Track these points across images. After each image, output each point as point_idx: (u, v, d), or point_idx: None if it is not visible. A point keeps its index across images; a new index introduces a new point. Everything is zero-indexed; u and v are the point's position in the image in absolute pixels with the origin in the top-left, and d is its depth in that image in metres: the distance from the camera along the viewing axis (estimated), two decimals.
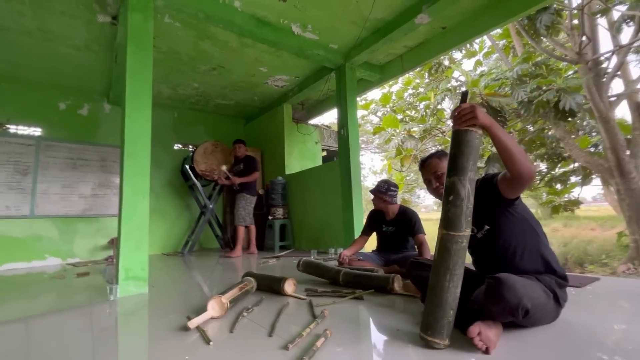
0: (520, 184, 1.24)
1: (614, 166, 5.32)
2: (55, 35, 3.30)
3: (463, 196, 1.18)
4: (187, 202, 5.45)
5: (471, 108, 1.19)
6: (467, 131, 1.20)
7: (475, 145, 1.20)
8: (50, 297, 2.36)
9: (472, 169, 1.19)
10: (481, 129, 1.21)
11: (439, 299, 1.16)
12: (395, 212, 2.64)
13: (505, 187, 1.29)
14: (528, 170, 1.18)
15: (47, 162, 4.40)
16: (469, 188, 1.18)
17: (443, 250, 1.19)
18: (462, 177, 1.18)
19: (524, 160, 1.17)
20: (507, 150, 1.17)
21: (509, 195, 1.30)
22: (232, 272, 3.02)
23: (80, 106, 4.68)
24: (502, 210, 1.36)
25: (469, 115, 1.18)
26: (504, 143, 1.17)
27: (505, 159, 1.19)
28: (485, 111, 1.22)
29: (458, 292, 1.17)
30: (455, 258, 1.17)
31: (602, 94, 5.28)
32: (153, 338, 1.40)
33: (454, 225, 1.18)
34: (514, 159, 1.17)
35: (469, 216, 1.19)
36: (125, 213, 2.23)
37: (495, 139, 1.18)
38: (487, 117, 1.20)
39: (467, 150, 1.19)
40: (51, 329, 1.58)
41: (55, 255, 4.30)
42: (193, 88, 4.79)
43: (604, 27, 5.43)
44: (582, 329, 1.30)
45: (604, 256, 6.89)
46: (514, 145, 1.18)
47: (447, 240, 1.19)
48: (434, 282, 1.19)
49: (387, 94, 8.14)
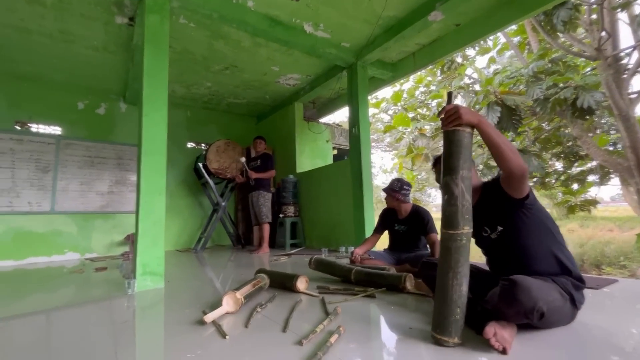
0: (512, 180, 1.25)
1: (634, 165, 5.16)
2: (74, 37, 3.40)
3: (457, 195, 1.20)
4: (199, 199, 5.55)
5: (455, 108, 1.22)
6: (454, 131, 1.23)
7: (464, 143, 1.22)
8: (71, 291, 2.44)
9: (464, 167, 1.21)
10: (469, 127, 1.23)
11: (444, 297, 1.18)
12: (408, 211, 2.63)
13: (506, 185, 1.30)
14: (518, 166, 1.19)
15: (66, 160, 4.55)
16: (462, 186, 1.20)
17: (444, 249, 1.22)
18: (455, 177, 1.21)
19: (513, 156, 1.18)
20: (496, 147, 1.19)
21: (513, 194, 1.30)
22: (244, 269, 3.07)
23: (98, 106, 4.81)
24: (515, 211, 1.35)
25: (454, 116, 1.21)
26: (493, 140, 1.19)
27: (494, 155, 1.22)
28: (469, 109, 1.24)
29: (464, 290, 1.17)
30: (456, 256, 1.18)
31: (622, 91, 5.12)
32: (171, 331, 1.44)
33: (452, 224, 1.20)
34: (503, 155, 1.18)
35: (467, 214, 1.21)
36: (143, 210, 2.29)
37: (484, 136, 1.21)
38: (472, 115, 1.22)
39: (457, 150, 1.22)
40: (73, 321, 1.64)
41: (74, 250, 4.44)
42: (206, 87, 4.86)
43: (625, 22, 5.25)
44: (599, 331, 1.28)
45: (622, 258, 6.69)
46: (503, 142, 1.19)
47: (447, 239, 1.21)
48: (439, 281, 1.22)
49: (398, 92, 8.08)
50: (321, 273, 2.43)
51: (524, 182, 1.25)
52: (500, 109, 5.00)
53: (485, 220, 1.44)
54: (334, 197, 4.51)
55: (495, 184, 1.38)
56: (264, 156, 4.42)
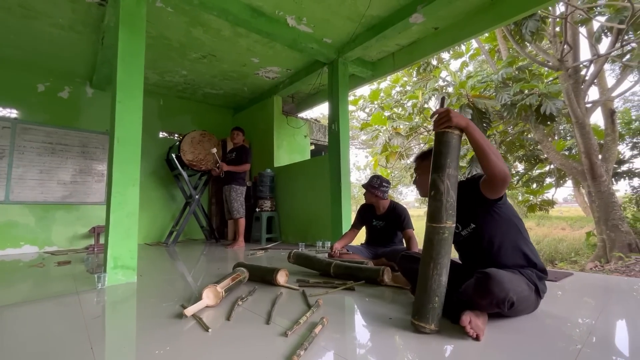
0: (494, 184, 1.31)
1: (587, 169, 5.62)
2: (36, 13, 3.14)
3: (442, 191, 1.28)
4: (171, 191, 5.36)
5: (446, 111, 1.30)
6: (444, 132, 1.31)
7: (452, 144, 1.30)
8: (32, 285, 2.28)
9: (451, 166, 1.29)
10: (458, 130, 1.31)
11: (424, 286, 1.26)
12: (386, 207, 2.71)
13: (485, 188, 1.36)
14: (501, 171, 1.25)
15: (23, 145, 4.21)
16: (448, 184, 1.28)
17: (427, 241, 1.30)
18: (441, 174, 1.29)
19: (497, 161, 1.25)
20: (481, 150, 1.26)
21: (490, 196, 1.37)
22: (220, 263, 3.02)
23: (61, 89, 4.49)
24: (487, 210, 1.43)
25: (445, 118, 1.29)
26: (479, 143, 1.26)
27: (480, 159, 1.28)
28: (459, 113, 1.31)
29: (443, 280, 1.25)
30: (437, 248, 1.26)
31: (579, 100, 5.55)
32: (149, 325, 1.40)
33: (436, 218, 1.28)
34: (488, 160, 1.25)
35: (450, 209, 1.28)
36: (115, 201, 2.19)
37: (471, 139, 1.28)
38: (462, 119, 1.29)
39: (445, 150, 1.30)
40: (38, 317, 1.54)
41: (31, 243, 4.14)
42: (181, 75, 4.68)
43: (584, 36, 5.68)
44: (558, 318, 1.40)
45: (573, 254, 7.30)
46: (488, 146, 1.26)
47: (430, 231, 1.29)
48: (421, 271, 1.29)
49: (376, 90, 8.22)
50: (300, 267, 2.45)
51: (505, 187, 1.31)
52: (471, 111, 5.25)
53: (458, 217, 1.52)
54: (311, 192, 4.53)
55: (470, 184, 1.44)
56: (239, 149, 4.29)
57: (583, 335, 1.21)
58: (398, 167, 10.01)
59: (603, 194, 5.57)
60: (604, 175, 5.57)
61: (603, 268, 5.30)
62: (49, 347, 1.19)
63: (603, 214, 5.61)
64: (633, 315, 1.50)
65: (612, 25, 4.97)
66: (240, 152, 4.26)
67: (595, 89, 6.30)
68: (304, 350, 1.06)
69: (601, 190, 5.57)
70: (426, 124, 7.51)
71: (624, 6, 4.73)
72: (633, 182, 7.82)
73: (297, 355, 1.01)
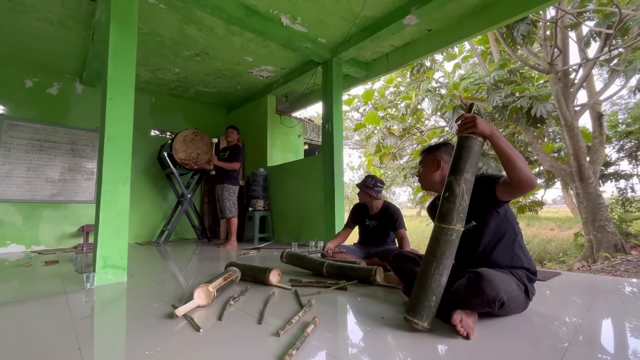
0: (519, 190, 1.30)
1: (575, 171, 5.73)
2: (25, 7, 3.07)
3: (457, 194, 1.29)
4: (163, 190, 5.29)
5: (472, 117, 1.31)
6: (467, 137, 1.32)
7: (474, 150, 1.31)
8: (19, 285, 2.23)
9: (469, 171, 1.30)
10: (482, 137, 1.32)
11: (423, 283, 1.26)
12: (379, 207, 2.72)
13: (504, 191, 1.35)
14: (529, 177, 1.24)
15: (10, 142, 4.11)
16: (464, 187, 1.29)
17: (433, 240, 1.30)
18: (459, 177, 1.30)
19: (524, 168, 1.24)
20: (508, 158, 1.25)
21: (503, 198, 1.38)
22: (212, 263, 3.00)
23: (50, 85, 4.40)
24: (490, 210, 1.45)
25: (470, 124, 1.30)
26: (505, 151, 1.25)
27: (506, 165, 1.27)
28: (485, 122, 1.32)
29: (443, 280, 1.25)
30: (442, 248, 1.26)
31: (568, 103, 5.65)
32: (140, 325, 1.38)
33: (446, 219, 1.28)
34: (516, 167, 1.24)
35: (462, 213, 1.29)
36: (105, 199, 2.15)
37: (496, 147, 1.28)
38: (487, 127, 1.30)
39: (466, 154, 1.31)
40: (25, 317, 1.51)
41: (18, 242, 4.05)
42: (174, 73, 4.63)
43: (574, 40, 5.78)
44: (546, 317, 1.43)
45: (561, 254, 7.44)
46: (515, 154, 1.25)
47: (439, 231, 1.29)
48: (422, 268, 1.30)
49: (370, 91, 8.25)
50: (292, 266, 2.45)
51: (528, 192, 1.33)
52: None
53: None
54: (305, 192, 4.52)
55: (485, 183, 1.41)
56: (232, 147, 4.26)
57: (570, 334, 1.23)
58: (391, 168, 10.07)
59: (590, 196, 5.69)
60: (591, 177, 5.69)
61: (590, 268, 5.41)
62: (35, 348, 1.17)
63: (590, 215, 5.73)
64: (618, 313, 1.53)
65: (601, 30, 5.08)
66: (233, 150, 4.23)
67: (583, 93, 6.44)
68: (296, 349, 1.06)
69: (589, 192, 5.69)
70: (419, 125, 7.57)
71: (612, 11, 4.84)
72: (619, 184, 8.01)
73: (289, 355, 1.01)
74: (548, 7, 4.51)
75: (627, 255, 5.39)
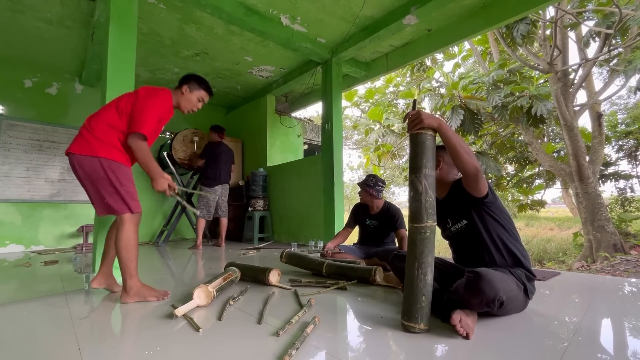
0: (467, 179, 1.37)
1: (575, 171, 5.73)
2: (24, 7, 3.07)
3: (421, 191, 1.30)
4: None
5: (417, 114, 1.33)
6: (418, 134, 1.34)
7: (427, 144, 1.33)
8: (19, 285, 2.23)
9: (427, 166, 1.32)
10: (431, 130, 1.34)
11: (410, 286, 1.27)
12: (380, 207, 2.72)
13: (464, 184, 1.42)
14: (472, 166, 1.31)
15: (9, 142, 4.11)
16: (426, 183, 1.30)
17: (410, 242, 1.32)
18: (419, 175, 1.31)
19: (467, 157, 1.30)
20: (453, 148, 1.31)
21: (472, 192, 1.41)
22: (212, 263, 2.99)
23: (49, 85, 4.39)
24: (477, 208, 1.46)
25: (416, 120, 1.33)
26: (451, 141, 1.31)
27: (452, 156, 1.34)
28: (430, 114, 1.34)
29: (429, 279, 1.26)
30: (421, 247, 1.27)
31: (568, 103, 5.65)
32: (139, 325, 1.38)
33: (417, 218, 1.30)
34: (459, 156, 1.31)
35: (430, 209, 1.30)
36: None
37: (444, 138, 1.33)
38: (433, 119, 1.33)
39: (421, 150, 1.33)
40: (25, 317, 1.51)
41: (17, 242, 4.04)
42: (173, 73, 4.62)
43: (574, 40, 5.79)
44: (545, 316, 1.43)
45: (561, 254, 7.44)
46: (460, 144, 1.31)
47: (413, 231, 1.31)
48: (407, 272, 1.31)
49: (371, 89, 8.26)
50: (292, 267, 2.45)
51: (479, 182, 1.36)
52: (463, 112, 5.30)
53: (450, 213, 1.54)
54: (304, 192, 4.52)
55: (457, 184, 1.49)
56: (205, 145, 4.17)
57: (570, 333, 1.24)
58: (391, 167, 10.07)
59: (590, 196, 5.69)
60: (591, 177, 5.69)
61: (589, 268, 5.41)
62: (35, 349, 1.17)
63: (590, 215, 5.73)
64: (618, 313, 1.53)
65: (600, 30, 5.08)
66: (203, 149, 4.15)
67: (583, 92, 6.44)
68: (296, 349, 1.06)
69: (588, 192, 5.69)
70: None
71: (612, 11, 4.84)
72: (619, 183, 8.01)
73: (289, 354, 1.01)
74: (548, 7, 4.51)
75: (626, 255, 5.40)
